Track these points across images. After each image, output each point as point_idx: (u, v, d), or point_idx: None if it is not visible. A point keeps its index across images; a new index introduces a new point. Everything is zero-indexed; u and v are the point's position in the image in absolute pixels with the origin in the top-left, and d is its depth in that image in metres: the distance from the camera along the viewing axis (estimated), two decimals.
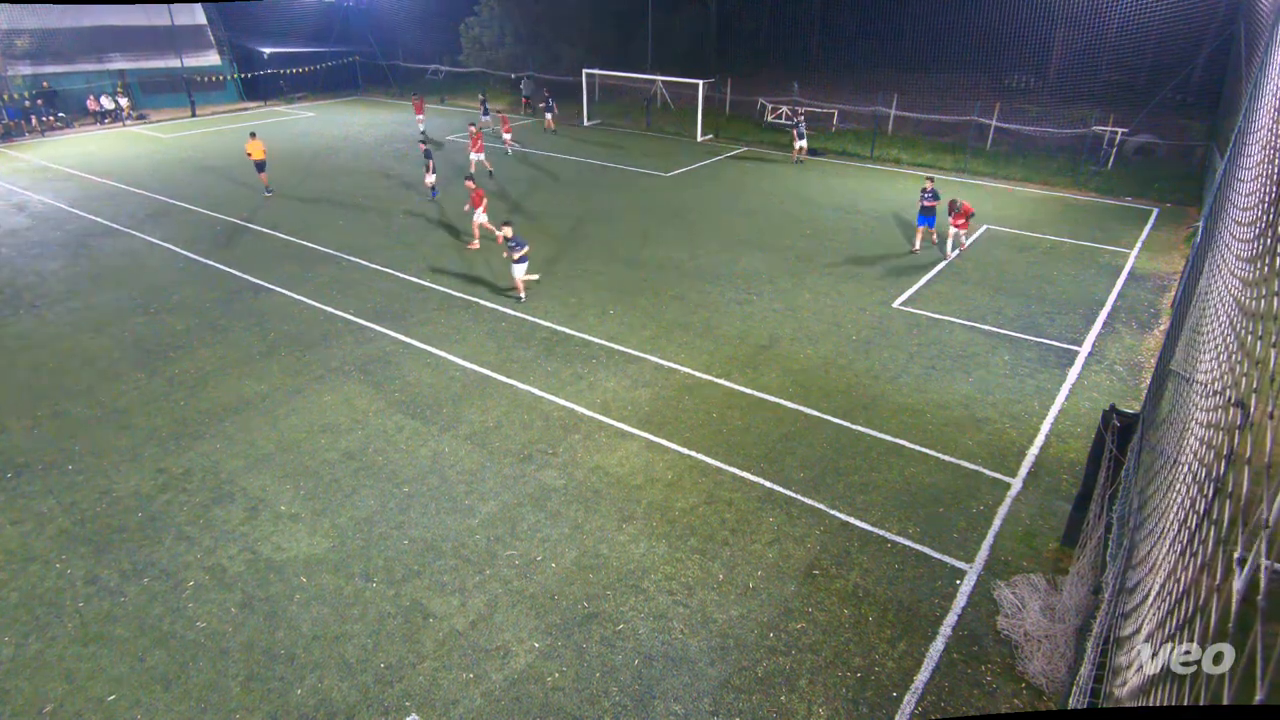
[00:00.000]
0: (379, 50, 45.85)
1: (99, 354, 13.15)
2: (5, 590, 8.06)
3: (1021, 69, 33.80)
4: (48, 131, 33.37)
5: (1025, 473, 10.08)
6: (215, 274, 16.69)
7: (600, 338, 13.67)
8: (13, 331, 14.02)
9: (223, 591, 8.04)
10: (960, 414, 11.38)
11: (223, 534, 8.87)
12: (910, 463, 10.23)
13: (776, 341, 13.60)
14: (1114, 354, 13.30)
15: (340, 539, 8.79)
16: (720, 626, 7.63)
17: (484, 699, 6.84)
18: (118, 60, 37.91)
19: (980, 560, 8.53)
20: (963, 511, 9.31)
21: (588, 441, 10.63)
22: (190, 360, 12.90)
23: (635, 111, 35.89)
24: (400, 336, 13.70)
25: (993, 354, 13.22)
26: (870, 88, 32.56)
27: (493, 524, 9.04)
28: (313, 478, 9.87)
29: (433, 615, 7.75)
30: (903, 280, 16.37)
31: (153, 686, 6.97)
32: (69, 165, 26.97)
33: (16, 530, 8.95)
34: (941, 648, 7.42)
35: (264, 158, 22.79)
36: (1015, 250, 18.38)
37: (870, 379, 12.36)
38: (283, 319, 14.42)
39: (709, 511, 9.27)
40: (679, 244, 18.66)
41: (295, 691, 6.92)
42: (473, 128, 24.89)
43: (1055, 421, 11.25)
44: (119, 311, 14.83)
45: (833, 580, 8.24)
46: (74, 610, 7.82)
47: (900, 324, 14.34)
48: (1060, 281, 16.43)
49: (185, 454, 10.39)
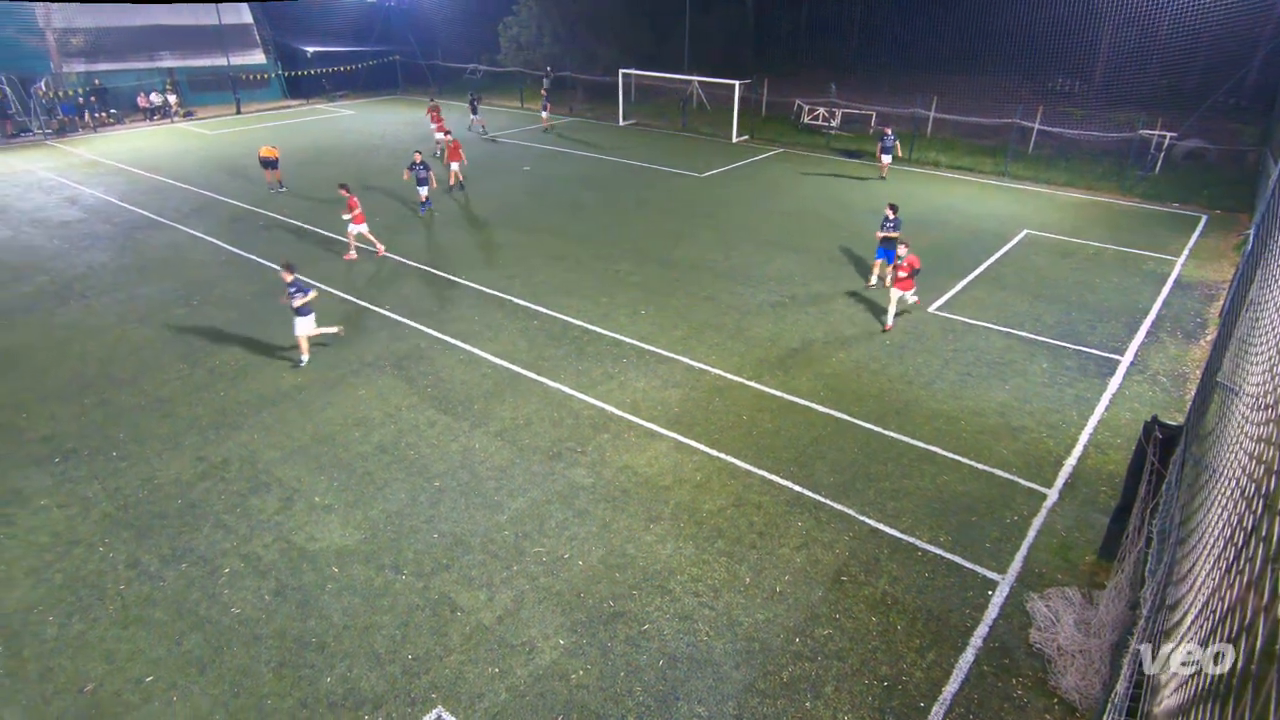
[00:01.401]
0: (419, 50, 46.45)
1: (144, 344, 13.51)
2: (51, 571, 8.32)
3: (1066, 71, 33.07)
4: (100, 127, 34.38)
5: (1062, 483, 9.86)
6: (255, 267, 17.05)
7: (631, 337, 13.68)
8: (62, 321, 14.46)
9: (257, 579, 8.21)
10: (996, 422, 11.18)
11: (258, 523, 9.06)
12: (943, 470, 10.08)
13: (809, 344, 13.49)
14: (1157, 364, 12.96)
15: (371, 531, 8.92)
16: (746, 630, 7.59)
17: (509, 694, 6.89)
18: (167, 58, 38.94)
19: (1013, 571, 8.37)
20: (996, 521, 9.14)
21: (617, 441, 10.64)
22: (230, 352, 13.19)
23: (671, 112, 35.87)
24: (434, 332, 13.86)
25: (1031, 361, 12.96)
26: (909, 89, 32.15)
27: (521, 520, 9.11)
28: (346, 470, 10.03)
29: (460, 609, 7.83)
30: (939, 284, 16.12)
31: (189, 669, 7.14)
32: (119, 160, 27.75)
33: (63, 513, 9.23)
34: (971, 659, 7.30)
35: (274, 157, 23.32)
36: (1056, 256, 18.00)
37: (903, 384, 12.19)
38: (319, 313, 14.62)
39: (737, 514, 9.23)
40: (712, 245, 18.61)
41: (325, 679, 7.04)
42: (449, 136, 23.92)
43: (1094, 432, 10.99)
44: (163, 303, 15.22)
45: (861, 587, 8.15)
46: (115, 593, 8.04)
47: (935, 329, 14.13)
48: (1102, 289, 16.05)
49: (224, 443, 10.62)
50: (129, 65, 37.49)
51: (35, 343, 13.57)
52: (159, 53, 38.66)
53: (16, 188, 23.93)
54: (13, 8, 32.93)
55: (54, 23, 33.71)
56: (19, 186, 24.09)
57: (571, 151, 29.28)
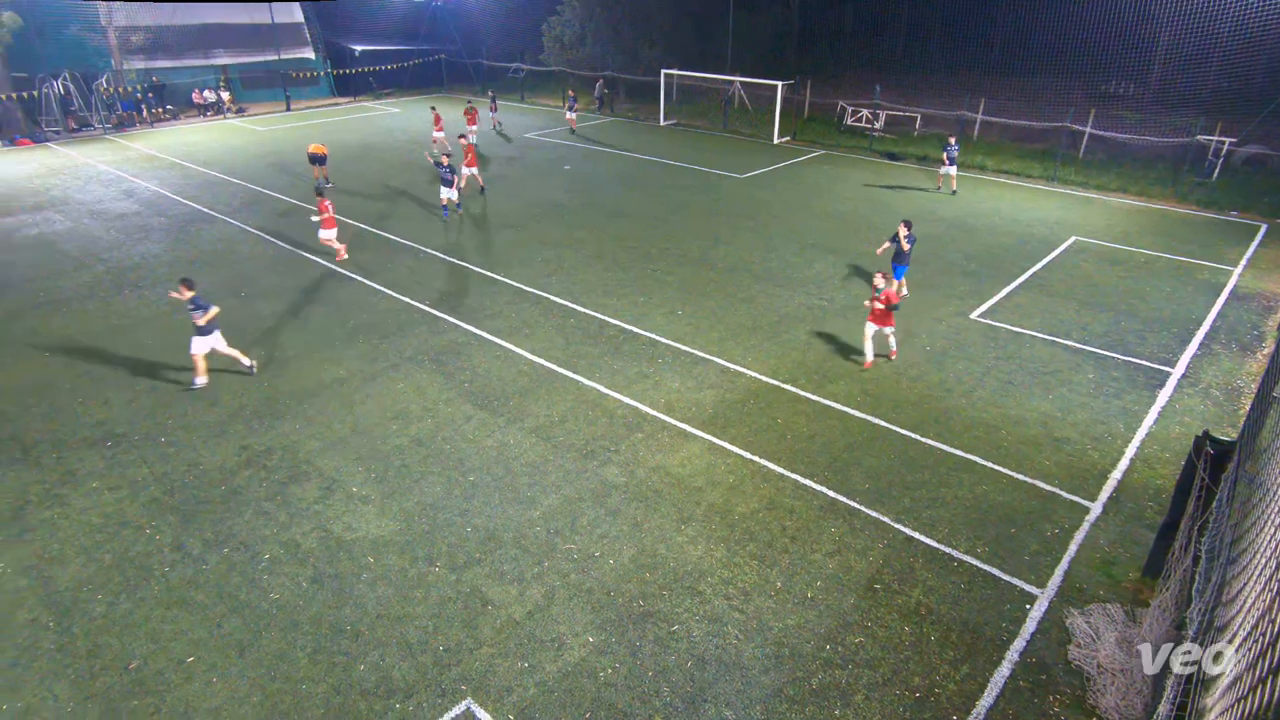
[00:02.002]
0: (464, 49, 47.03)
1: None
2: (101, 551, 8.61)
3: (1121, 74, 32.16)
4: (156, 123, 35.51)
5: (1106, 497, 9.60)
6: (301, 261, 17.43)
7: (667, 338, 13.67)
8: (118, 309, 14.96)
9: (295, 566, 8.39)
10: (1038, 432, 10.92)
11: (298, 511, 9.26)
12: (982, 480, 9.88)
13: (846, 349, 13.33)
14: (1210, 377, 12.54)
15: (407, 522, 9.06)
16: (776, 635, 7.53)
17: (537, 689, 6.94)
18: (221, 56, 40.09)
19: (1053, 586, 8.17)
20: (1036, 534, 8.93)
21: (650, 441, 10.65)
22: (275, 344, 13.50)
23: (712, 112, 35.76)
24: (471, 328, 14.02)
25: (1076, 371, 12.64)
26: (955, 91, 31.61)
27: (553, 517, 9.16)
28: (383, 462, 10.20)
29: (491, 603, 7.90)
30: (982, 290, 15.81)
31: (228, 652, 7.33)
32: (174, 155, 28.60)
33: (113, 496, 9.55)
34: (1007, 673, 7.14)
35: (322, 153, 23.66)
36: (1105, 263, 17.52)
37: (943, 391, 11.99)
38: (362, 307, 14.95)
39: (769, 518, 9.17)
40: (751, 246, 18.51)
41: (358, 667, 7.17)
42: (463, 140, 22.59)
43: (1141, 445, 10.68)
44: (212, 294, 15.60)
45: (894, 596, 8.03)
46: (161, 574, 8.29)
47: (977, 336, 13.86)
48: (1154, 298, 15.58)
49: (267, 433, 10.88)
50: (185, 63, 38.68)
51: (92, 330, 14.06)
52: (214, 51, 39.83)
53: (77, 180, 24.83)
54: (78, 7, 34.15)
55: (116, 21, 34.87)
56: (79, 179, 24.99)
57: (612, 151, 29.37)
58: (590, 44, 41.01)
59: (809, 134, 32.10)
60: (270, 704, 6.79)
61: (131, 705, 6.78)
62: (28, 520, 9.11)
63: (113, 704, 6.79)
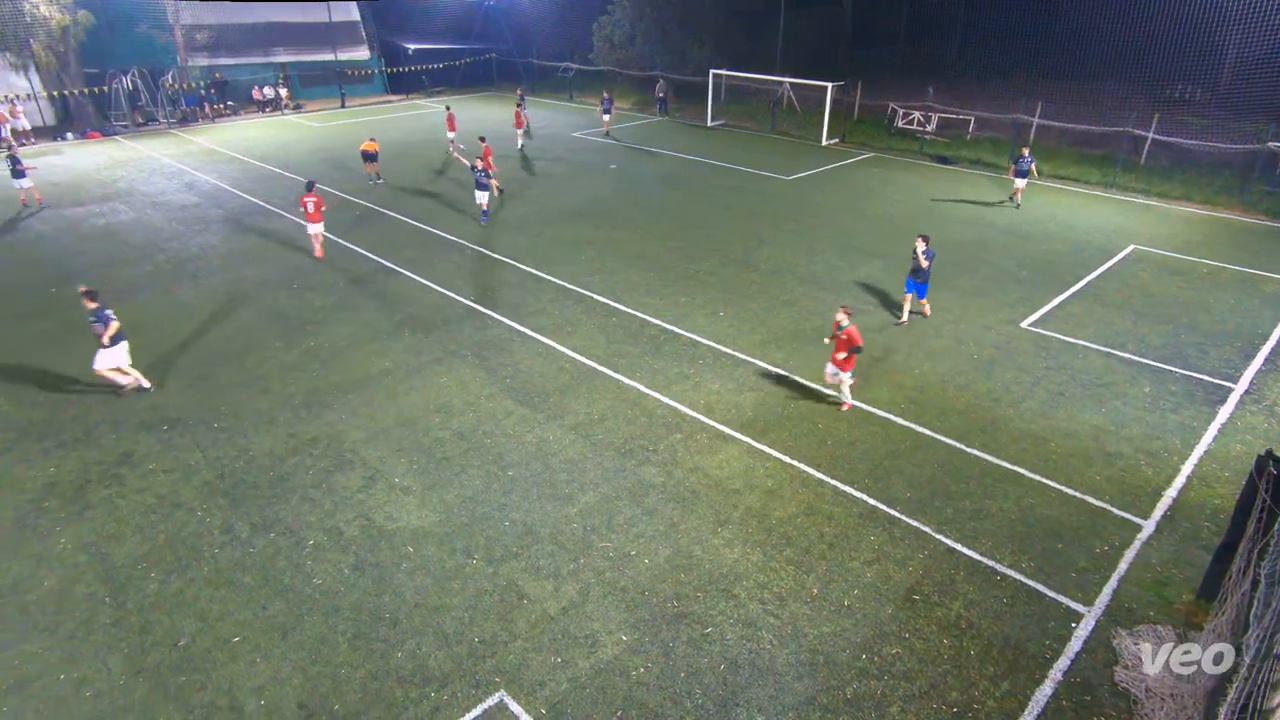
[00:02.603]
0: (514, 48, 47.52)
1: (246, 324, 14.32)
2: (155, 531, 8.92)
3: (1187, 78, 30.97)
4: (218, 118, 36.65)
5: (1160, 515, 9.27)
6: (351, 255, 17.81)
7: (709, 339, 13.63)
8: (176, 298, 15.49)
9: (338, 553, 8.59)
10: (1089, 446, 10.60)
11: (341, 499, 9.47)
12: (1028, 493, 9.63)
13: (891, 354, 13.12)
14: (1276, 394, 12.02)
15: (446, 514, 9.20)
16: (810, 641, 7.45)
17: (570, 684, 6.99)
18: (281, 54, 41.22)
19: (1100, 604, 7.93)
20: (1084, 550, 8.67)
21: (689, 441, 10.63)
22: (325, 335, 13.83)
23: (760, 113, 35.50)
24: (514, 324, 14.16)
25: (1131, 384, 12.23)
26: (1011, 94, 30.80)
27: (590, 514, 9.21)
28: (425, 454, 10.37)
29: (527, 597, 7.98)
30: (1034, 299, 15.41)
31: (272, 634, 7.54)
32: (233, 149, 29.49)
33: (168, 478, 9.89)
34: (1049, 692, 6.95)
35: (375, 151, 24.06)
36: (1165, 273, 16.92)
37: (990, 401, 11.72)
38: (408, 301, 15.22)
39: (807, 523, 9.07)
40: (795, 249, 18.34)
41: (395, 654, 7.30)
42: (482, 142, 22.29)
43: (1199, 463, 10.28)
44: (266, 286, 16.09)
45: (934, 607, 7.88)
46: (210, 556, 8.56)
47: (1028, 345, 13.52)
48: (1216, 310, 14.99)
49: (314, 422, 11.15)
50: (246, 60, 39.89)
51: (151, 318, 14.58)
52: (274, 49, 40.98)
53: (142, 173, 25.77)
54: (147, 5, 35.44)
55: (182, 19, 36.09)
56: (144, 171, 25.93)
57: (658, 151, 29.37)
58: (640, 44, 41.06)
59: (858, 136, 31.65)
60: (310, 686, 6.95)
61: (179, 681, 7.01)
62: (89, 498, 9.49)
63: (162, 679, 7.03)
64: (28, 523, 9.06)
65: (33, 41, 30.55)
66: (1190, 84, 31.14)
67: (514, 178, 25.05)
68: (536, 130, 32.66)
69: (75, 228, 19.93)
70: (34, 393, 11.90)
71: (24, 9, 29.82)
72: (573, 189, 23.66)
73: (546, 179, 24.92)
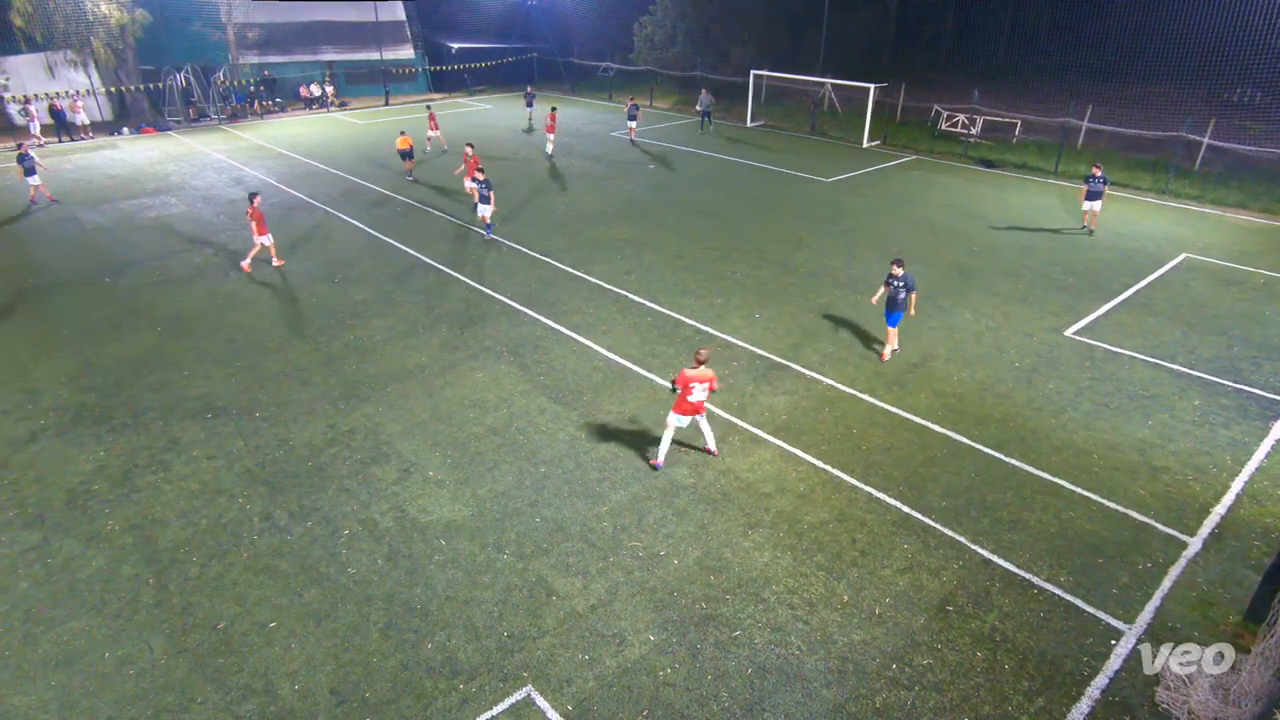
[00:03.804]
0: (556, 47, 47.82)
1: (289, 316, 14.63)
2: (198, 516, 9.17)
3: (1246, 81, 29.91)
4: (266, 115, 37.51)
5: (1207, 533, 8.98)
6: (391, 250, 18.09)
7: (743, 340, 13.56)
8: (223, 290, 15.89)
9: (372, 543, 8.73)
10: (1133, 459, 10.31)
11: (377, 491, 9.63)
12: (1069, 505, 9.40)
13: (929, 360, 12.92)
14: None
15: (479, 509, 9.29)
16: (840, 649, 7.37)
17: (597, 682, 7.01)
18: (328, 52, 42.03)
19: (1142, 622, 7.71)
20: (1126, 566, 8.44)
21: (721, 443, 10.58)
22: (364, 328, 14.07)
23: (800, 114, 35.21)
24: (550, 322, 14.24)
25: (1180, 397, 11.87)
26: (1059, 96, 30.11)
27: (620, 513, 9.23)
28: (459, 448, 10.49)
29: (556, 593, 8.02)
30: (1079, 306, 15.03)
31: (306, 621, 7.69)
32: (280, 145, 30.16)
33: (211, 465, 10.16)
34: (1086, 710, 6.78)
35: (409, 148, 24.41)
36: (1219, 283, 16.38)
37: (1031, 410, 11.46)
38: (446, 297, 15.41)
39: (839, 529, 8.98)
40: (833, 252, 18.15)
41: (426, 645, 7.40)
42: (469, 149, 21.24)
43: (1250, 480, 9.94)
44: (309, 279, 16.43)
45: (968, 619, 7.74)
46: (250, 542, 8.77)
47: (1071, 354, 13.19)
48: (1273, 323, 14.47)
49: (352, 414, 11.35)
50: (294, 58, 40.76)
51: (199, 309, 14.98)
52: (321, 47, 41.81)
53: (193, 167, 26.49)
54: (201, 4, 36.42)
55: (234, 18, 37.02)
56: (195, 166, 26.65)
57: (696, 151, 29.31)
58: (681, 43, 41.01)
59: (901, 138, 31.21)
60: (342, 673, 7.08)
61: (217, 663, 7.20)
62: (135, 482, 9.78)
63: (201, 660, 7.22)
64: (78, 504, 9.38)
65: (92, 39, 31.61)
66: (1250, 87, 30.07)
67: (550, 177, 25.20)
68: (576, 129, 32.79)
69: (129, 219, 20.57)
70: (88, 379, 12.32)
71: (85, 7, 30.85)
72: (610, 189, 23.73)
73: (584, 179, 25.02)
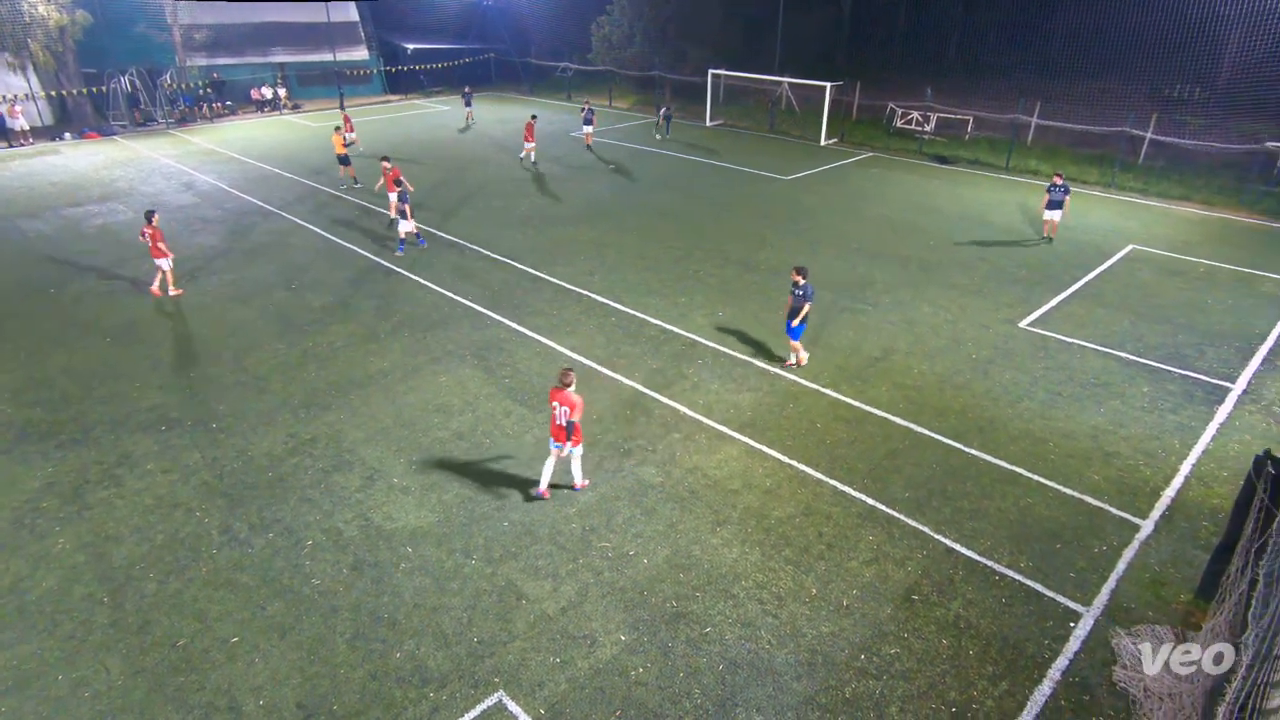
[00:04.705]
0: (513, 48, 47.51)
1: (245, 324, 14.31)
2: (153, 532, 8.91)
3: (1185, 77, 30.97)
4: (216, 118, 36.61)
5: (1158, 515, 9.28)
6: (350, 254, 17.80)
7: (708, 339, 13.63)
8: (177, 299, 15.45)
9: (337, 553, 8.58)
10: (1087, 446, 10.62)
11: (340, 500, 9.46)
12: (1027, 493, 9.64)
13: (890, 354, 13.13)
14: (1273, 394, 12.04)
15: (445, 514, 9.19)
16: (809, 641, 7.46)
17: (569, 684, 6.98)
18: (279, 54, 41.20)
19: (1099, 604, 7.94)
20: (1082, 550, 8.68)
21: (688, 441, 10.63)
22: (323, 335, 13.82)
23: (758, 113, 35.52)
24: (514, 325, 14.15)
25: (1130, 384, 12.25)
26: (1009, 94, 30.81)
27: (589, 514, 9.21)
28: (424, 454, 10.36)
29: (525, 597, 7.97)
30: (1033, 298, 15.42)
31: (270, 634, 7.53)
32: (232, 149, 29.47)
33: (166, 478, 9.88)
34: (1048, 692, 6.96)
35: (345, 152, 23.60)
36: (1163, 273, 16.95)
37: (988, 401, 11.73)
38: (407, 301, 15.21)
39: (806, 523, 9.08)
40: (795, 249, 18.34)
41: (394, 655, 7.30)
42: (385, 164, 19.93)
43: (1197, 463, 10.30)
44: (265, 286, 16.08)
45: (933, 607, 7.89)
46: (209, 556, 8.55)
47: (1026, 345, 13.53)
48: (1214, 310, 15.01)
49: (313, 422, 11.14)
50: (245, 60, 39.88)
51: (150, 318, 14.57)
52: (272, 49, 40.96)
53: (141, 173, 25.75)
54: (145, 5, 35.41)
55: (180, 19, 36.07)
56: (143, 171, 25.91)
57: (656, 151, 29.38)
58: (639, 43, 41.06)
59: (857, 136, 31.68)
60: (309, 686, 6.95)
61: (178, 681, 7.00)
62: (87, 499, 9.48)
63: (160, 680, 7.02)
64: (25, 523, 9.05)
65: (30, 41, 30.53)
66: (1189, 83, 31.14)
67: (511, 179, 25.05)
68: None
69: (74, 227, 19.91)
70: (33, 393, 11.89)
71: (22, 9, 29.83)
72: (571, 190, 23.66)
73: (544, 180, 24.92)
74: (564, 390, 8.85)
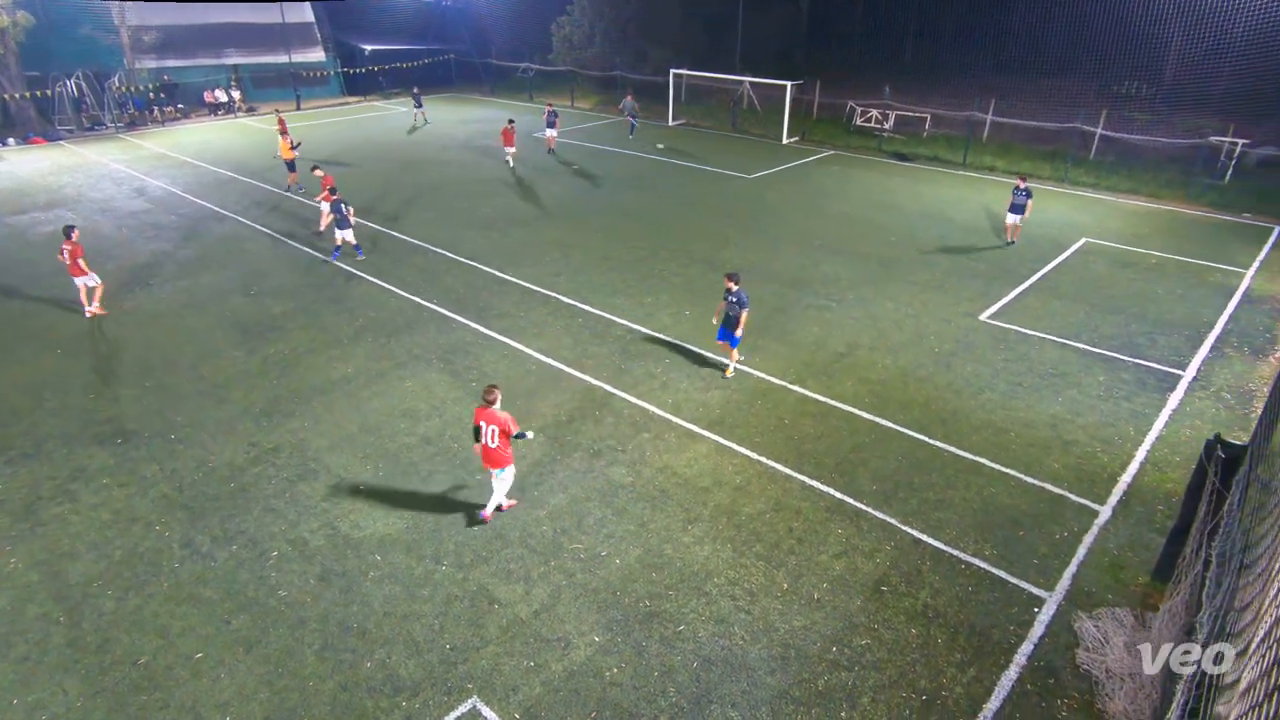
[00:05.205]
0: (473, 48, 47.11)
1: (203, 332, 13.97)
2: (111, 547, 8.66)
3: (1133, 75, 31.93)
4: (168, 121, 35.68)
5: (1115, 501, 9.54)
6: (310, 259, 17.48)
7: (675, 338, 13.67)
8: (128, 307, 15.04)
9: (303, 563, 8.42)
10: (1047, 435, 10.87)
11: (306, 509, 9.29)
12: (990, 482, 9.84)
13: (854, 350, 13.30)
14: (1222, 380, 12.45)
15: (414, 520, 9.08)
16: (782, 636, 7.52)
17: (543, 688, 6.95)
18: (232, 55, 40.27)
19: (1061, 589, 8.13)
20: (1044, 536, 8.89)
21: (657, 441, 10.64)
22: (285, 341, 13.55)
23: (720, 112, 35.72)
24: (480, 327, 14.04)
25: (1086, 374, 12.57)
26: (966, 92, 31.46)
27: (560, 516, 9.17)
28: (391, 460, 10.23)
29: (498, 601, 7.91)
30: (992, 292, 15.75)
31: (235, 648, 7.36)
32: (185, 153, 28.75)
33: (123, 492, 9.60)
34: (1015, 677, 7.11)
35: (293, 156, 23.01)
36: (1116, 265, 17.43)
37: (951, 393, 11.94)
38: (370, 305, 14.99)
39: (776, 519, 9.15)
40: (759, 247, 18.48)
41: (365, 664, 7.19)
42: (317, 172, 19.16)
43: (1152, 449, 10.61)
44: (222, 292, 15.72)
45: (901, 598, 8.01)
46: (170, 570, 8.33)
47: (986, 338, 13.80)
48: (1164, 300, 15.48)
49: (276, 430, 10.92)
50: (197, 62, 38.89)
51: (103, 328, 14.14)
52: (225, 50, 40.03)
53: (89, 178, 24.99)
54: (90, 6, 34.35)
55: (128, 20, 35.07)
56: (91, 177, 25.15)
57: (619, 151, 29.37)
58: (599, 44, 41.03)
59: (818, 134, 32.03)
60: (277, 700, 6.81)
61: (140, 700, 6.81)
62: (40, 516, 9.17)
63: (122, 699, 6.83)
64: None
65: None
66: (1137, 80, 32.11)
67: (474, 180, 24.84)
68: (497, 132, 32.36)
69: (20, 236, 19.26)
70: None
71: None
72: (534, 191, 23.54)
73: (508, 181, 24.75)
74: (489, 409, 8.47)
